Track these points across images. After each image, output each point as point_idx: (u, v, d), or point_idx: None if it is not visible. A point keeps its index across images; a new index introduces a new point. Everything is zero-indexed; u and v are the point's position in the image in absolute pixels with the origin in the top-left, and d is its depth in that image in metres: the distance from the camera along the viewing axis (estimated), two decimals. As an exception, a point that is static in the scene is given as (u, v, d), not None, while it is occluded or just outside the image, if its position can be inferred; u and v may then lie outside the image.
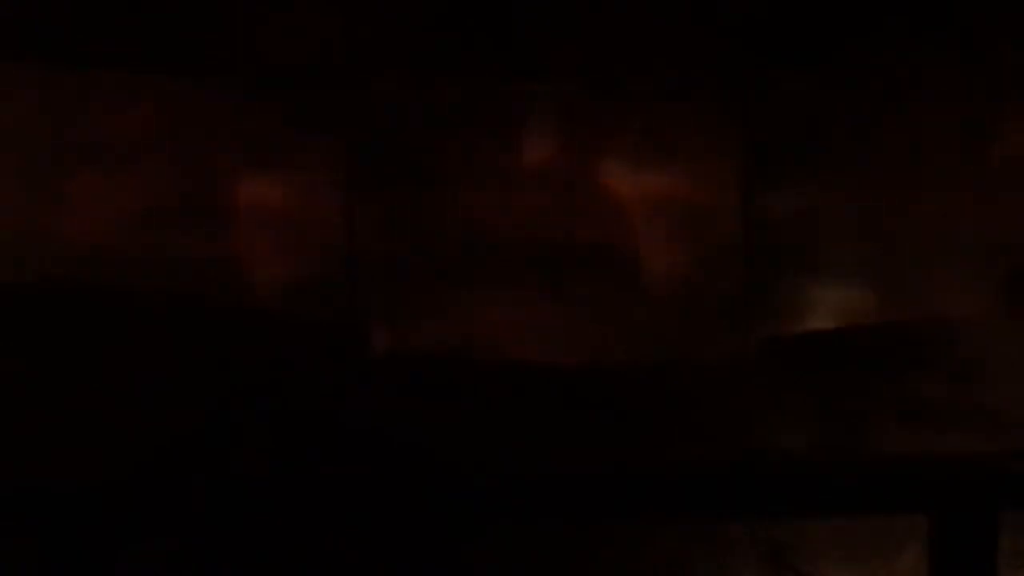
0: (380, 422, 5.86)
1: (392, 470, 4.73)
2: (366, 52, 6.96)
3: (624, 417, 5.91)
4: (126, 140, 6.60)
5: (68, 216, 7.43)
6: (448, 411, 6.16)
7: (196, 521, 3.02)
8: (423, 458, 5.30)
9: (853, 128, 6.75)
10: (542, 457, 5.23)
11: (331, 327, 7.57)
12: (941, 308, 6.42)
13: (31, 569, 3.02)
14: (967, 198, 6.44)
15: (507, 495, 3.07)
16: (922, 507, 3.08)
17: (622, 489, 3.07)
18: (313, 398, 5.97)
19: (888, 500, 3.13)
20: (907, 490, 3.07)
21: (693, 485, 3.12)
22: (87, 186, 7.00)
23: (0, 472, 4.55)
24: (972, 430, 5.47)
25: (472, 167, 7.01)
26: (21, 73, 7.31)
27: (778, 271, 6.86)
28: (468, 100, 6.87)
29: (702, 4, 6.93)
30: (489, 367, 7.09)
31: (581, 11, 6.87)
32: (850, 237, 6.58)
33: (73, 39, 7.05)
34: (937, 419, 5.67)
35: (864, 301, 6.59)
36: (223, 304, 6.87)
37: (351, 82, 7.15)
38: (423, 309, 7.45)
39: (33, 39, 7.12)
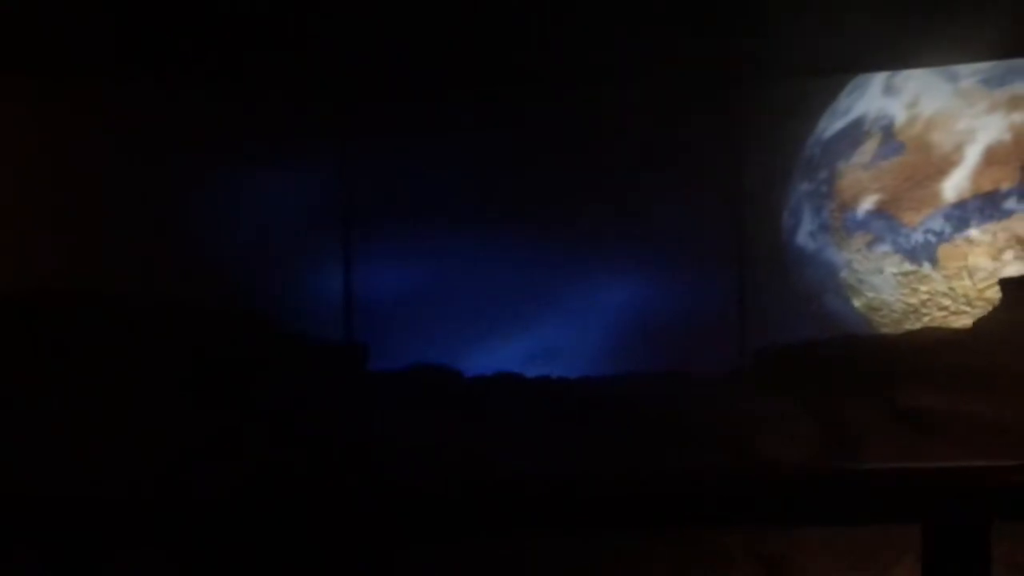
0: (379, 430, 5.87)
1: (388, 476, 4.74)
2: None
3: (621, 425, 5.93)
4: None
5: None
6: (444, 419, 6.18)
7: (194, 525, 3.04)
8: (418, 464, 5.31)
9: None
10: (538, 463, 5.25)
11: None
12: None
13: (30, 570, 3.03)
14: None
15: (502, 500, 3.08)
16: (916, 517, 3.08)
17: (616, 496, 3.08)
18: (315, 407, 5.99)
19: (882, 510, 3.13)
20: (901, 500, 3.08)
21: (687, 494, 3.12)
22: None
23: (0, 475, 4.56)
24: (966, 440, 5.48)
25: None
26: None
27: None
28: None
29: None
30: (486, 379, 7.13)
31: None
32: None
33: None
34: (931, 428, 5.69)
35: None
36: (225, 314, 6.90)
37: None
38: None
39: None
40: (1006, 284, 7.00)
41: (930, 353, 6.37)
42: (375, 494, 3.18)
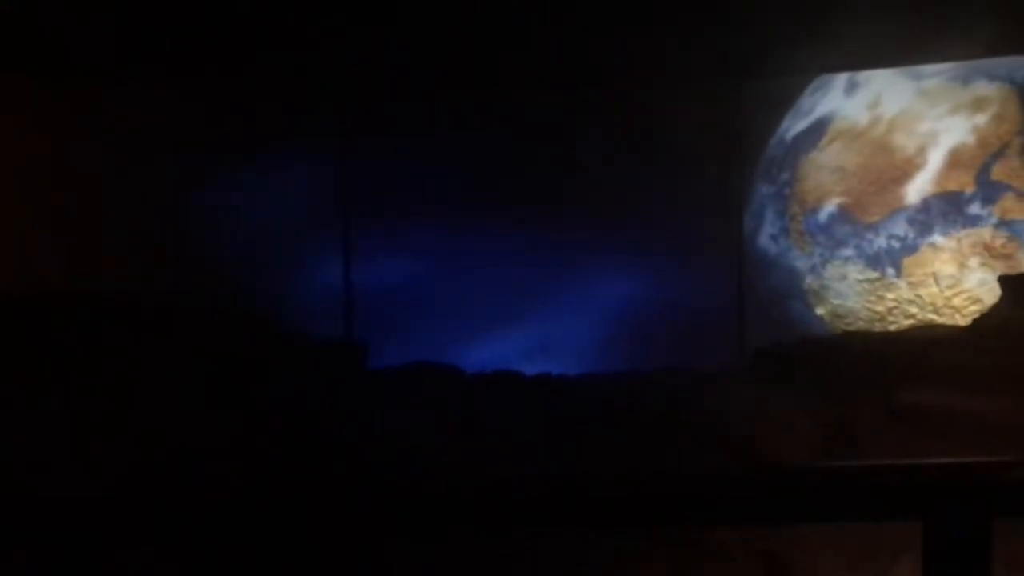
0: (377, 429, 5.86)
1: (388, 476, 4.73)
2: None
3: (621, 424, 5.92)
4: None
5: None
6: (443, 417, 6.17)
7: (194, 525, 3.04)
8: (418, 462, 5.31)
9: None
10: (538, 463, 5.24)
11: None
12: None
13: (31, 570, 3.04)
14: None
15: (502, 500, 3.08)
16: (916, 515, 3.08)
17: (616, 496, 3.08)
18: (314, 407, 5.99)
19: (884, 507, 3.13)
20: (900, 498, 3.08)
21: (686, 491, 3.12)
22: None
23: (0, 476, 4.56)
24: (966, 438, 5.47)
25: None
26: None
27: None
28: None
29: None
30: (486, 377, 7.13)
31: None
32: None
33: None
34: (931, 427, 5.68)
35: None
36: (225, 314, 6.90)
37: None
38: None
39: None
40: (1004, 281, 6.98)
41: (929, 351, 6.36)
42: (375, 494, 3.18)
